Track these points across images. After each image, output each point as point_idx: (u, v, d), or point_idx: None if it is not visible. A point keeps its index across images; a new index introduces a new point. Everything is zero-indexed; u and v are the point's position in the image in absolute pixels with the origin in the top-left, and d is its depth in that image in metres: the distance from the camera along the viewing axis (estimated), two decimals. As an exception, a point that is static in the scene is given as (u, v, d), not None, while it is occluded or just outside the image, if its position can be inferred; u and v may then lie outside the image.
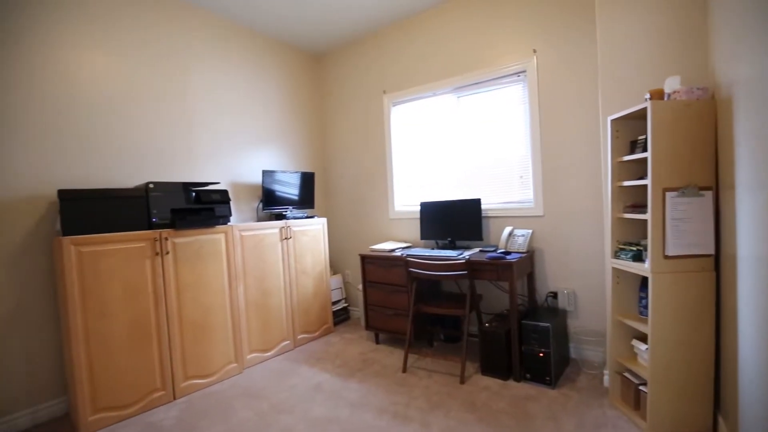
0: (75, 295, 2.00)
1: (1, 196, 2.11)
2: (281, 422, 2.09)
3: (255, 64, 3.49)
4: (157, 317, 2.30)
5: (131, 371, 2.20)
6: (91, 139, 2.45)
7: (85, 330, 2.03)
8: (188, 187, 2.50)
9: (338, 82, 4.00)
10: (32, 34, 2.23)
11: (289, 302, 3.13)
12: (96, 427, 2.08)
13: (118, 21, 2.59)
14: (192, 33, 3.01)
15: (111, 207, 2.19)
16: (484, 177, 3.10)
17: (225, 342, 2.64)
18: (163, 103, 2.81)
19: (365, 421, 2.06)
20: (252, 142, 3.44)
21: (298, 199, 3.53)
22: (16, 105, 2.17)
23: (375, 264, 3.11)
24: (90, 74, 2.45)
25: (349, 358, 2.92)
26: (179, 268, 2.40)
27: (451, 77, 3.17)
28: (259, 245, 2.91)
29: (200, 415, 2.21)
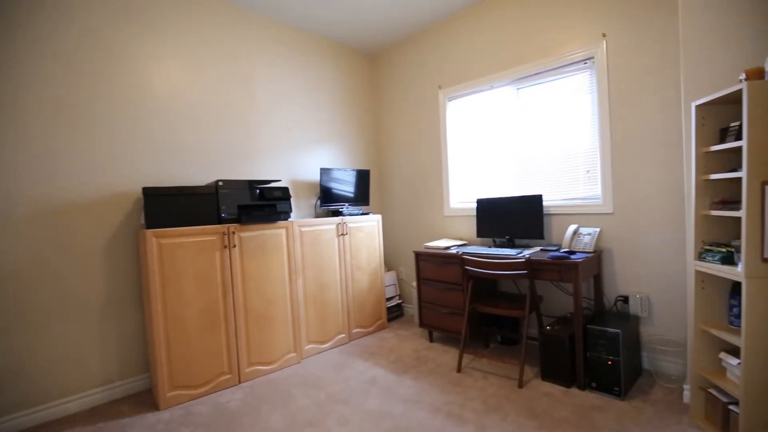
0: (156, 283, 2.21)
1: (96, 194, 2.39)
2: (337, 412, 2.15)
3: (313, 66, 3.61)
4: (225, 306, 2.47)
5: (202, 354, 2.38)
6: (168, 141, 2.69)
7: (165, 315, 2.24)
8: (253, 185, 2.65)
9: (393, 79, 4.01)
10: (118, 48, 2.49)
11: (344, 296, 3.20)
12: (173, 402, 2.28)
13: (188, 32, 2.82)
14: (254, 40, 3.19)
15: (186, 203, 2.39)
16: (546, 172, 2.94)
17: (285, 332, 2.77)
18: (230, 107, 3.01)
19: (419, 418, 2.06)
20: (310, 141, 3.57)
21: (354, 196, 3.60)
22: (107, 114, 2.44)
23: (429, 261, 3.09)
24: (165, 83, 2.69)
25: (402, 355, 2.93)
26: (244, 260, 2.56)
27: (510, 68, 3.05)
28: (317, 240, 3.01)
29: (262, 399, 2.34)
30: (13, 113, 2.13)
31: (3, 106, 2.10)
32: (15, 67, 2.13)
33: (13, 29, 2.13)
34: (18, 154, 2.14)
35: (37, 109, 2.20)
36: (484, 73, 3.23)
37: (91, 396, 2.35)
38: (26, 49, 2.17)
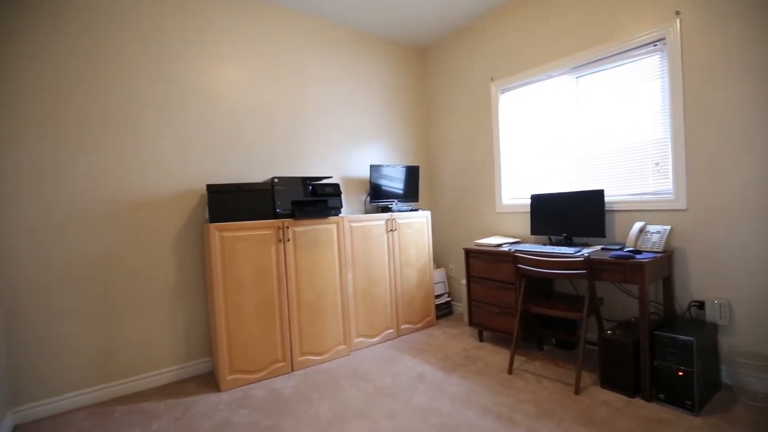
0: (218, 273, 2.38)
1: (167, 191, 2.61)
2: (385, 405, 2.18)
3: (363, 64, 3.66)
4: (280, 297, 2.60)
5: (259, 342, 2.52)
6: (229, 141, 2.87)
7: (225, 303, 2.40)
8: (306, 181, 2.75)
9: (443, 73, 3.95)
10: (182, 54, 2.69)
11: (393, 292, 3.22)
12: (232, 385, 2.44)
13: (246, 37, 2.97)
14: (307, 41, 3.30)
15: (245, 198, 2.54)
16: (609, 166, 2.74)
17: (335, 324, 2.85)
18: (284, 106, 3.14)
19: (467, 417, 2.02)
20: (360, 138, 3.63)
21: (403, 192, 3.60)
22: (175, 118, 2.65)
23: (480, 259, 3.01)
24: (226, 87, 2.87)
25: (451, 353, 2.89)
26: (298, 254, 2.66)
27: (568, 56, 2.87)
28: (366, 236, 3.06)
29: (313, 387, 2.43)
30: (103, 119, 2.39)
31: (93, 114, 2.36)
32: (98, 80, 2.39)
33: (93, 46, 2.39)
34: (103, 156, 2.40)
35: (118, 116, 2.45)
36: (539, 63, 3.08)
37: (163, 374, 2.58)
38: (113, 64, 2.42)
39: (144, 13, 2.54)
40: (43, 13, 2.24)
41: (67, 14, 2.30)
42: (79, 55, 2.34)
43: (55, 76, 2.27)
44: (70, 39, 2.31)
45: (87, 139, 2.35)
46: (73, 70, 2.32)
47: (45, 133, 2.24)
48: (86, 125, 2.35)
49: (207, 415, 2.16)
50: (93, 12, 2.38)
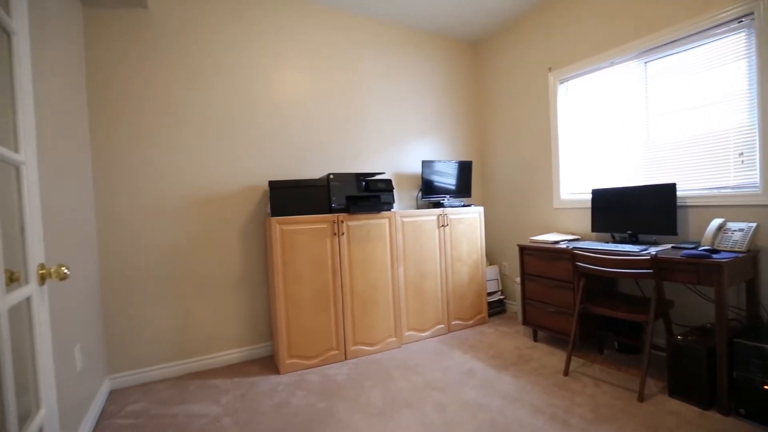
0: (279, 264, 2.54)
1: (234, 187, 2.84)
2: (434, 398, 2.20)
3: (415, 60, 3.68)
4: (334, 288, 2.72)
5: (314, 330, 2.66)
6: (288, 140, 3.04)
7: (285, 292, 2.57)
8: (359, 177, 2.84)
9: (496, 66, 3.85)
10: (249, 65, 2.90)
11: (444, 287, 3.23)
12: (290, 369, 2.60)
13: (304, 42, 3.12)
14: (360, 41, 3.38)
15: (303, 194, 2.68)
16: (680, 157, 2.52)
17: (386, 317, 2.92)
18: (339, 106, 3.26)
19: (518, 416, 1.99)
20: (412, 134, 3.65)
21: (455, 187, 3.58)
22: (242, 121, 2.87)
23: (535, 256, 2.91)
24: (285, 90, 3.04)
25: (503, 351, 2.84)
26: (351, 247, 2.77)
27: (635, 40, 2.67)
28: (417, 231, 3.09)
29: (365, 376, 2.52)
30: (177, 128, 2.65)
31: (174, 120, 2.63)
32: (179, 91, 2.66)
33: (176, 62, 2.65)
34: (180, 157, 2.67)
35: (195, 121, 2.70)
36: (602, 50, 2.90)
37: (229, 355, 2.82)
38: (191, 78, 2.68)
39: (216, 33, 2.77)
40: (133, 36, 2.53)
41: (153, 37, 2.58)
42: (164, 70, 2.61)
43: (145, 88, 2.56)
44: (157, 57, 2.59)
45: (169, 141, 2.63)
46: (159, 82, 2.60)
47: (136, 135, 2.54)
48: (168, 129, 2.63)
49: (268, 394, 2.33)
50: (176, 35, 2.64)
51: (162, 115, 2.61)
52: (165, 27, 2.63)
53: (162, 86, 2.61)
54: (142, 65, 2.56)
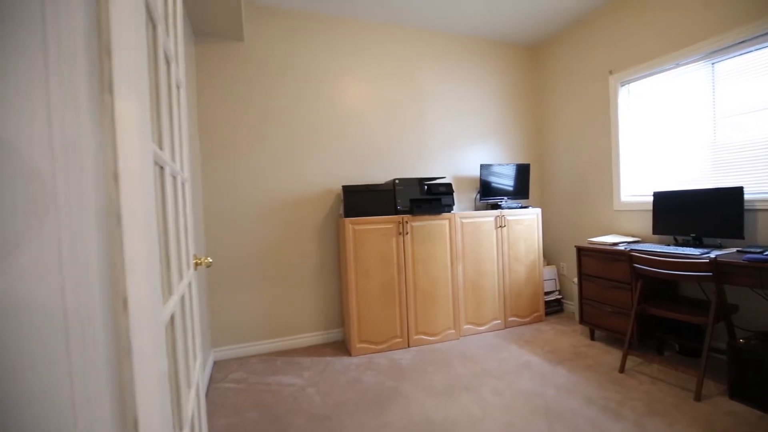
0: (351, 260, 2.90)
1: (312, 191, 3.25)
2: (491, 384, 2.43)
3: (472, 67, 3.86)
4: (399, 282, 3.02)
5: (381, 319, 2.99)
6: (357, 147, 3.39)
7: (356, 285, 2.92)
8: (422, 182, 3.12)
9: (555, 69, 3.91)
10: (318, 78, 3.28)
11: (501, 285, 3.40)
12: (360, 352, 2.96)
13: (371, 57, 3.45)
14: (421, 52, 3.64)
15: (372, 197, 3.02)
16: (750, 159, 2.48)
17: (446, 310, 3.17)
18: (401, 115, 3.55)
19: (571, 405, 2.15)
20: (471, 139, 3.85)
21: (513, 189, 3.72)
22: (316, 131, 3.27)
23: (593, 257, 3.00)
24: (355, 102, 3.39)
25: (559, 347, 2.97)
26: (415, 246, 3.05)
27: (703, 41, 2.65)
28: (476, 231, 3.30)
29: (427, 362, 2.80)
30: (266, 141, 3.11)
31: (266, 133, 3.10)
32: (271, 109, 3.11)
33: (269, 83, 3.10)
34: (267, 164, 3.12)
35: (279, 136, 3.15)
36: (666, 51, 2.89)
37: (307, 338, 3.24)
38: (282, 98, 3.13)
39: (295, 58, 3.19)
40: (232, 64, 3.02)
41: (247, 65, 3.06)
42: (256, 92, 3.08)
43: (241, 107, 3.04)
44: (250, 81, 3.06)
45: (259, 151, 3.09)
46: (252, 102, 3.07)
47: (233, 147, 3.03)
48: (259, 141, 3.09)
49: (342, 372, 2.69)
50: (264, 62, 3.10)
51: (254, 129, 3.08)
52: (256, 56, 3.09)
53: (255, 105, 3.08)
54: (238, 88, 3.04)
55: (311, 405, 2.26)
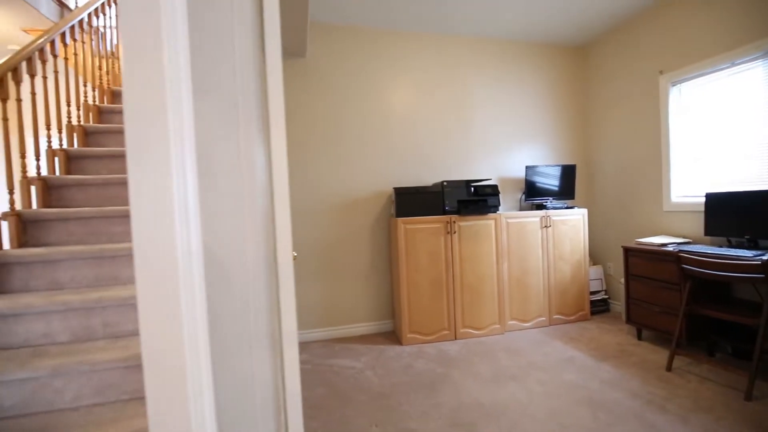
0: (403, 256, 3.14)
1: (365, 193, 3.52)
2: (536, 375, 2.58)
3: (517, 69, 3.96)
4: (447, 278, 3.23)
5: (429, 312, 3.21)
6: (406, 151, 3.62)
7: (407, 279, 3.16)
8: (469, 183, 3.30)
9: (602, 70, 3.92)
10: (367, 82, 3.54)
11: (546, 283, 3.51)
12: (410, 342, 3.19)
13: (412, 60, 3.65)
14: (466, 58, 3.80)
15: (422, 198, 3.24)
16: (812, 162, 2.44)
17: (491, 306, 3.33)
18: (447, 120, 3.74)
19: (615, 397, 2.26)
20: (516, 140, 3.96)
21: (558, 190, 3.79)
22: (369, 136, 3.53)
23: (640, 257, 3.04)
24: (405, 109, 3.62)
25: (604, 345, 3.04)
26: (462, 244, 3.24)
27: (761, 39, 2.62)
28: (521, 231, 3.43)
29: (473, 353, 2.98)
30: (321, 146, 3.42)
31: (327, 139, 3.41)
32: (332, 118, 3.41)
33: (328, 92, 3.41)
34: (324, 169, 3.43)
35: (335, 142, 3.45)
36: (720, 50, 2.87)
37: (361, 327, 3.53)
38: (340, 107, 3.43)
39: (354, 68, 3.47)
40: (297, 77, 3.35)
41: (309, 77, 3.37)
42: (319, 102, 3.39)
43: (308, 117, 3.37)
44: (313, 92, 3.38)
45: (318, 156, 3.41)
46: (316, 112, 3.39)
47: (296, 152, 3.36)
48: (320, 147, 3.41)
49: (395, 359, 2.94)
50: (324, 75, 3.40)
51: (314, 138, 3.40)
52: (317, 70, 3.40)
53: (315, 116, 3.40)
54: (303, 99, 3.36)
55: (370, 385, 2.52)
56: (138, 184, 0.62)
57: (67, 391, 1.57)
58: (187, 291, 0.70)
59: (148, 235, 0.64)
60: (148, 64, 0.60)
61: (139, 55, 0.60)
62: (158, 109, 0.61)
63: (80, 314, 1.76)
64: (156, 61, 0.60)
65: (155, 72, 0.61)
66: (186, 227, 0.69)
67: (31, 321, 1.72)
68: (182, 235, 0.68)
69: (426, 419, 2.12)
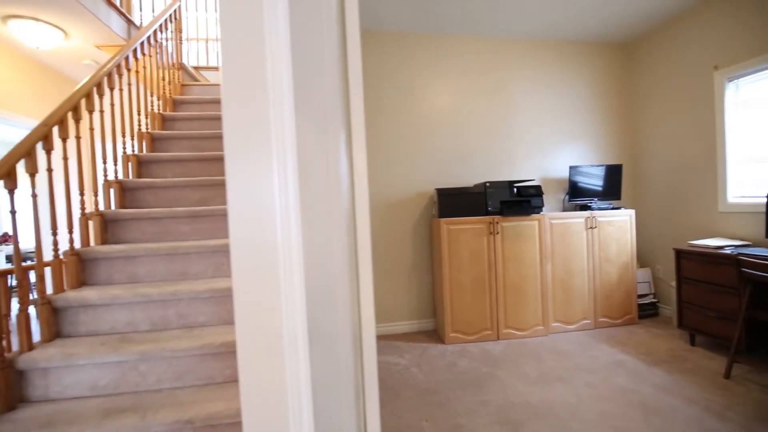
0: (445, 256, 3.19)
1: (408, 194, 3.59)
2: (584, 378, 2.55)
3: (561, 70, 3.91)
4: (489, 278, 3.24)
5: (472, 311, 3.24)
6: (448, 153, 3.67)
7: (449, 279, 3.20)
8: (511, 184, 3.30)
9: (650, 67, 3.79)
10: (410, 86, 3.60)
11: (591, 285, 3.45)
12: (452, 341, 3.23)
13: (453, 62, 3.69)
14: (506, 59, 3.79)
15: (464, 199, 3.27)
16: None
17: (535, 307, 3.32)
18: (491, 121, 3.75)
19: (670, 403, 2.21)
20: (559, 141, 3.91)
21: (603, 190, 3.71)
22: (411, 138, 3.60)
23: (694, 260, 2.93)
24: (447, 110, 3.66)
25: (654, 350, 2.96)
26: (505, 245, 3.25)
27: (832, 34, 2.48)
28: (565, 232, 3.39)
29: (517, 354, 2.98)
30: (376, 148, 3.52)
31: (377, 141, 3.51)
32: (374, 125, 3.52)
33: (375, 100, 3.51)
34: (369, 170, 3.53)
35: (378, 144, 3.54)
36: (786, 45, 2.73)
37: (403, 325, 3.60)
38: (379, 114, 3.53)
39: (398, 71, 3.55)
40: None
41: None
42: (366, 104, 3.50)
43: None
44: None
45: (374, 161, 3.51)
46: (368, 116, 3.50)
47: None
48: (366, 147, 3.51)
49: (438, 357, 2.99)
50: (371, 77, 3.51)
51: (373, 141, 3.51)
52: (364, 75, 3.50)
53: (370, 120, 3.51)
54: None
55: (416, 381, 2.59)
56: (239, 185, 0.71)
57: (150, 375, 1.74)
58: (288, 286, 0.79)
59: (247, 234, 0.73)
60: (253, 74, 0.70)
61: (244, 66, 0.70)
62: (261, 116, 0.71)
63: (158, 305, 1.93)
64: (259, 70, 0.70)
65: (259, 82, 0.70)
66: (287, 225, 0.78)
67: (117, 311, 1.91)
68: (283, 233, 0.76)
69: (474, 416, 2.16)
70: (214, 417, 1.53)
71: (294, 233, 0.82)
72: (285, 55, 0.78)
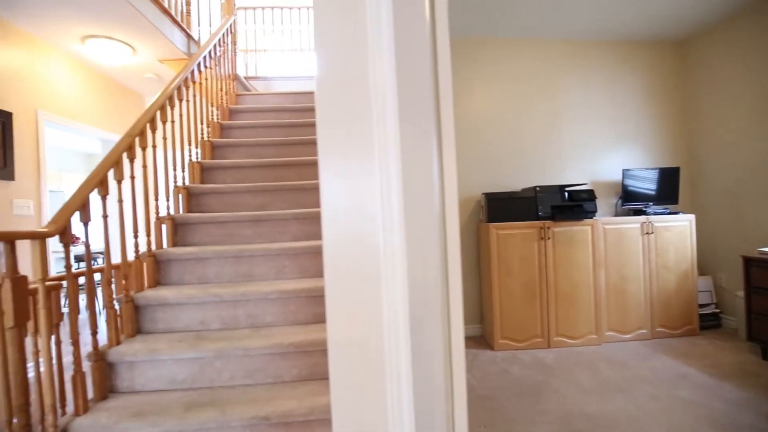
0: (494, 262, 3.16)
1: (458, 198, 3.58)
2: (644, 390, 2.45)
3: (611, 70, 3.79)
4: (540, 284, 3.18)
5: (522, 318, 3.18)
6: (495, 157, 3.63)
7: (498, 283, 3.17)
8: (563, 188, 3.23)
9: (708, 64, 3.60)
10: (457, 90, 3.60)
11: (647, 294, 3.31)
12: (502, 348, 3.19)
13: (501, 65, 3.65)
14: (554, 60, 3.72)
15: (513, 204, 3.23)
16: None
17: (587, 315, 3.22)
18: (539, 124, 3.69)
19: (746, 419, 2.09)
20: (610, 143, 3.79)
21: (659, 194, 3.56)
22: (465, 143, 3.59)
23: (765, 268, 2.76)
24: (495, 114, 3.63)
25: (721, 363, 2.80)
26: (556, 250, 3.18)
27: None
28: (620, 237, 3.27)
29: (571, 363, 2.91)
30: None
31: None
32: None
33: (415, 100, 3.54)
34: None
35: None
36: None
37: (448, 330, 3.58)
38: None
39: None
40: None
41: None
42: (404, 110, 3.54)
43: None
44: (400, 100, 3.54)
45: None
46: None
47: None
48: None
49: (489, 363, 2.97)
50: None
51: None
52: (407, 80, 3.54)
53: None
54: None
55: (470, 386, 2.58)
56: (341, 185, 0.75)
57: (225, 371, 1.84)
58: (389, 286, 0.82)
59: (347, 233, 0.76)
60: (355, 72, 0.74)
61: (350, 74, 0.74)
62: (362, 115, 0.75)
63: (228, 305, 2.04)
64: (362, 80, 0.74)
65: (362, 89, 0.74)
66: (390, 226, 0.81)
67: (190, 309, 2.02)
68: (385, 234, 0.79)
69: (533, 425, 2.13)
70: (288, 414, 1.60)
71: (397, 234, 0.85)
72: (389, 52, 0.82)
